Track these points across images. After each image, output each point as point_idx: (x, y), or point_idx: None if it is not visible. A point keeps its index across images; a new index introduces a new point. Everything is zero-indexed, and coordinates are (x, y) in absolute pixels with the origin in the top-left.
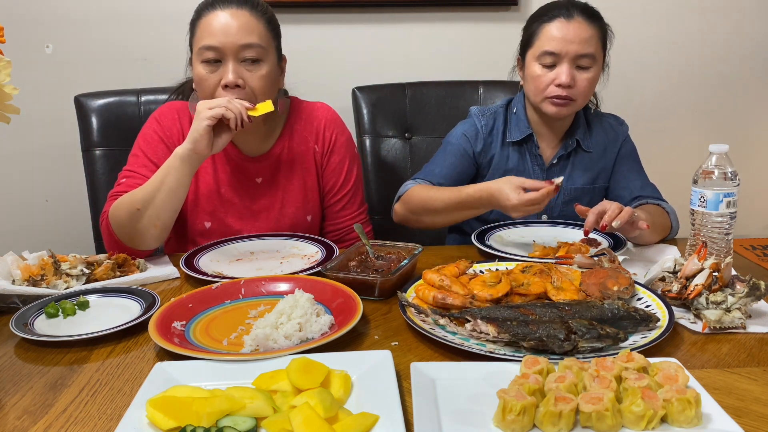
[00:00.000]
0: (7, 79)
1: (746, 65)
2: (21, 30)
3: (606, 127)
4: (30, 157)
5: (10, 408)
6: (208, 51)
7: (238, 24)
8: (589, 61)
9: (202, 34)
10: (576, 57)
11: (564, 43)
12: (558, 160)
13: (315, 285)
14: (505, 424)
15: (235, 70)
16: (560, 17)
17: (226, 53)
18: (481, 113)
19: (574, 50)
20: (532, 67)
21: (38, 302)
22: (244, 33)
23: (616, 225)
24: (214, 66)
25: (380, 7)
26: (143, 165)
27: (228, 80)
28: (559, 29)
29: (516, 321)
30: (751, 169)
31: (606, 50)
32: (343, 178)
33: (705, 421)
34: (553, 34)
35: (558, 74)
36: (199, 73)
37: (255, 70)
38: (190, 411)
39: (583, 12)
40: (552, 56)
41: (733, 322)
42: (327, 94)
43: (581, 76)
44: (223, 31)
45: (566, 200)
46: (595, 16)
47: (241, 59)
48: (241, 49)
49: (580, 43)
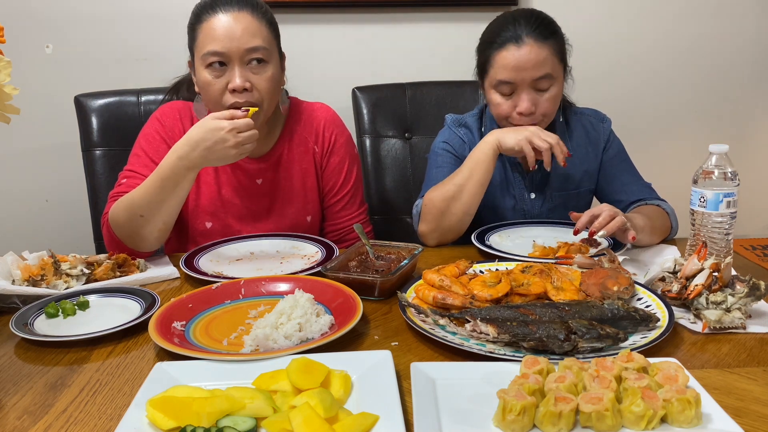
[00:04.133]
0: (7, 79)
1: (746, 65)
2: (21, 30)
3: (586, 125)
4: (30, 157)
5: (10, 408)
6: (213, 56)
7: (242, 27)
8: (547, 82)
9: (205, 39)
10: (533, 81)
11: (518, 72)
12: (539, 166)
13: (315, 285)
14: (505, 424)
15: (242, 75)
16: (510, 43)
17: (231, 58)
18: (457, 123)
19: (530, 76)
20: (490, 94)
21: (38, 302)
22: (248, 36)
23: (601, 234)
24: (219, 71)
25: (380, 7)
26: (144, 165)
27: (236, 85)
28: (511, 57)
29: (516, 321)
30: (751, 169)
31: (565, 60)
32: (342, 179)
33: (705, 421)
34: (505, 62)
35: (517, 102)
36: (204, 79)
37: (261, 72)
38: (190, 411)
39: (533, 32)
40: (508, 85)
41: (733, 322)
42: (327, 94)
43: (543, 98)
44: (227, 36)
45: (551, 207)
46: (548, 31)
47: (246, 62)
48: (247, 52)
49: (535, 68)
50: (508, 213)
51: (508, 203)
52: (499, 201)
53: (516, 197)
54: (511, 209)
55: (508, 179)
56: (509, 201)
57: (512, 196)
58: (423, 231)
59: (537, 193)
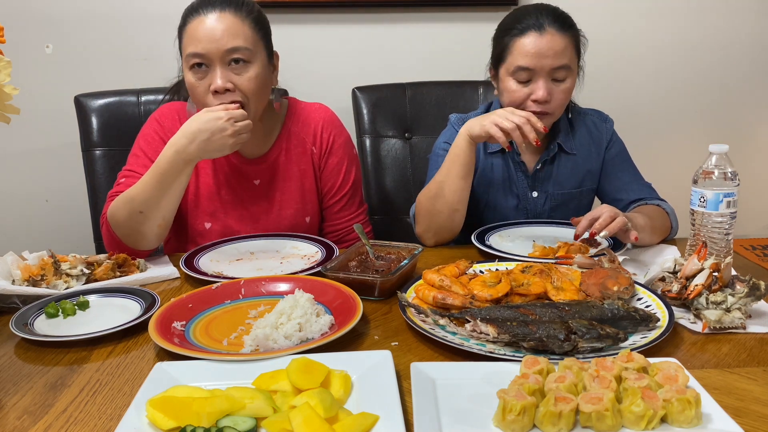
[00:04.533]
0: (7, 79)
1: (746, 65)
2: (21, 30)
3: (589, 125)
4: (30, 157)
5: (10, 408)
6: (194, 58)
7: (222, 28)
8: (564, 73)
9: (189, 41)
10: (551, 70)
11: (538, 59)
12: (542, 165)
13: (315, 285)
14: (505, 424)
15: (223, 75)
16: (532, 30)
17: (212, 59)
18: (461, 121)
19: (549, 64)
20: (506, 82)
21: (38, 302)
22: (228, 37)
23: (602, 235)
24: (202, 72)
25: (380, 7)
26: (143, 165)
27: (217, 86)
28: (533, 44)
29: (516, 321)
30: (751, 169)
31: (580, 56)
32: (341, 179)
33: (705, 421)
34: (526, 49)
35: (534, 90)
36: (189, 80)
37: (243, 72)
38: (190, 411)
39: (555, 22)
40: (527, 72)
41: (733, 322)
42: (327, 94)
43: (558, 89)
44: (208, 37)
45: (554, 205)
46: (567, 23)
47: (227, 63)
48: (227, 53)
49: (555, 56)
50: (511, 212)
51: (510, 202)
52: (502, 200)
53: (519, 196)
54: (514, 208)
55: (510, 178)
56: (512, 200)
57: (515, 195)
58: (419, 232)
59: (539, 192)
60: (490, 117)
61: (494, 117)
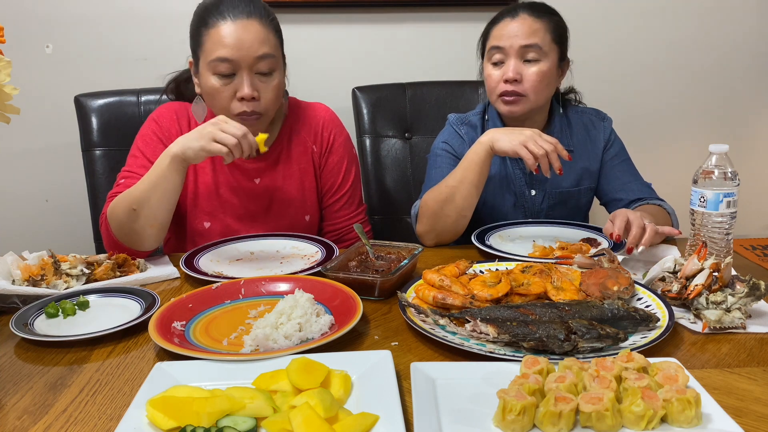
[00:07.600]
0: (7, 79)
1: (746, 65)
2: (21, 30)
3: (587, 122)
4: (30, 157)
5: (10, 408)
6: (222, 63)
7: (251, 36)
8: (535, 54)
9: (214, 45)
10: (521, 50)
11: (508, 38)
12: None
13: (315, 285)
14: (505, 424)
15: (251, 83)
16: (507, 16)
17: (241, 65)
18: (459, 121)
19: (518, 43)
20: (485, 69)
21: (38, 302)
22: (257, 44)
23: (639, 251)
24: (227, 78)
25: (380, 7)
26: (142, 165)
27: (245, 93)
28: (505, 26)
29: (516, 321)
30: (751, 169)
31: (563, 44)
32: (341, 179)
33: (705, 421)
34: (499, 32)
35: (505, 71)
36: (212, 86)
37: (269, 81)
38: (190, 411)
39: (528, 9)
40: (498, 51)
41: (733, 322)
42: (327, 94)
43: (529, 70)
44: (237, 44)
45: (552, 204)
46: (543, 10)
47: (255, 71)
48: (256, 60)
49: (524, 36)
50: (509, 210)
51: (508, 200)
52: (499, 198)
53: (516, 194)
54: (512, 206)
55: (508, 176)
56: (509, 198)
57: (512, 193)
58: (420, 232)
59: (537, 190)
60: (519, 137)
61: (523, 138)
